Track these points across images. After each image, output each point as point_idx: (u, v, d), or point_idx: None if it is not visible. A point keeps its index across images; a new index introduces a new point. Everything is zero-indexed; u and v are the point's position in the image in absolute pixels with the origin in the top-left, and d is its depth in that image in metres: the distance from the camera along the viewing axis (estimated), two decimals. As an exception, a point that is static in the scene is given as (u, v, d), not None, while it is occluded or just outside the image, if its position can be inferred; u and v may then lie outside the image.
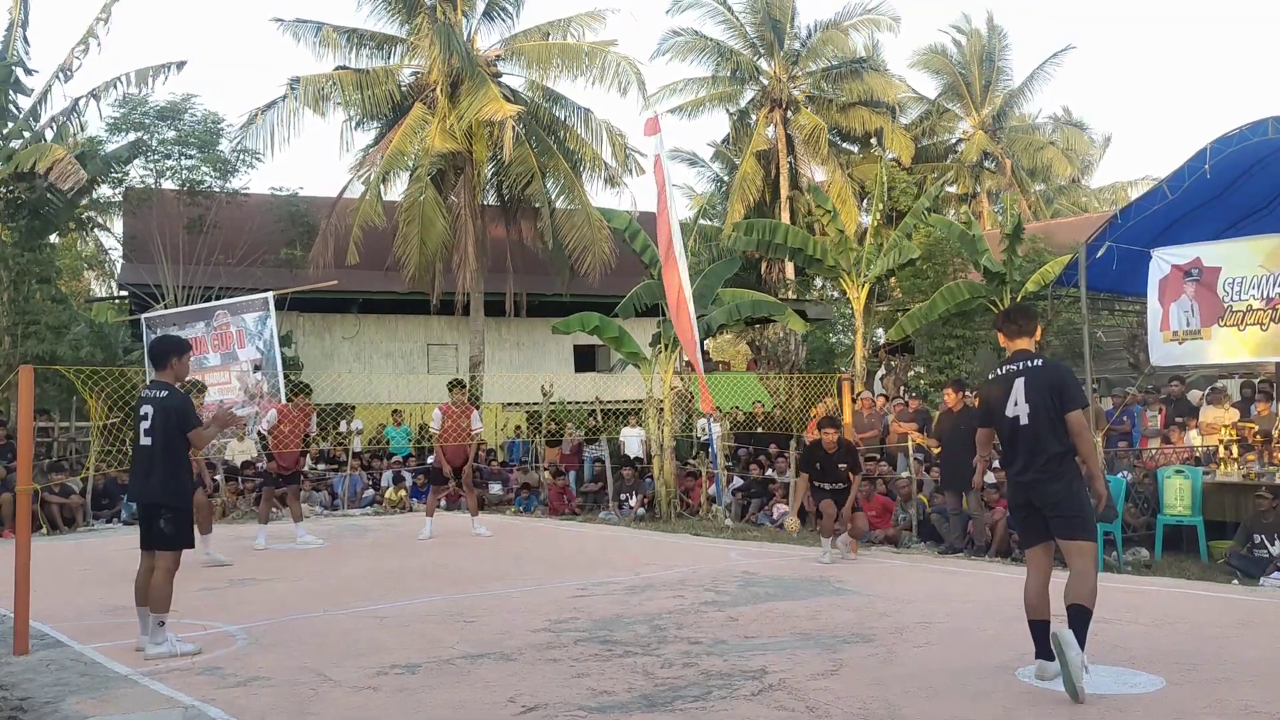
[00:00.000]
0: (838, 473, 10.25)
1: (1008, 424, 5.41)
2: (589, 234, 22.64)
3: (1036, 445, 5.26)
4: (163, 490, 6.30)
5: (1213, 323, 11.08)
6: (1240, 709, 4.73)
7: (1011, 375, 5.41)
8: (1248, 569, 8.84)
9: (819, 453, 10.35)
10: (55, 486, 14.16)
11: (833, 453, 10.27)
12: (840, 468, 10.23)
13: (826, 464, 10.26)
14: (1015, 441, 5.38)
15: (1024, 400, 5.32)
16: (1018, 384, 5.37)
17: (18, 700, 5.28)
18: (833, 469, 10.24)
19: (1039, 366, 5.39)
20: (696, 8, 32.47)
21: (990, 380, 5.64)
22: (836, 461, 10.24)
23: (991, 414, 5.54)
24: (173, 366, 6.48)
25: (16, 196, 18.79)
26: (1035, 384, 5.32)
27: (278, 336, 13.70)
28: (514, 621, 7.08)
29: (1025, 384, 5.35)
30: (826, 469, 10.27)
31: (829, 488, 10.23)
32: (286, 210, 25.02)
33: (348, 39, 22.76)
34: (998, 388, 5.49)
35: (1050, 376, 5.34)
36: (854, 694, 5.07)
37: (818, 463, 10.33)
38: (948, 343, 20.55)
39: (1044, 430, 5.26)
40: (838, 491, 10.24)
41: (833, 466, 10.23)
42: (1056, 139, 37.54)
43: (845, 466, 10.26)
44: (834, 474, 10.25)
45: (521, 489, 16.86)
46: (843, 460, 10.28)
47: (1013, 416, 5.36)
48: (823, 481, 10.26)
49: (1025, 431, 5.32)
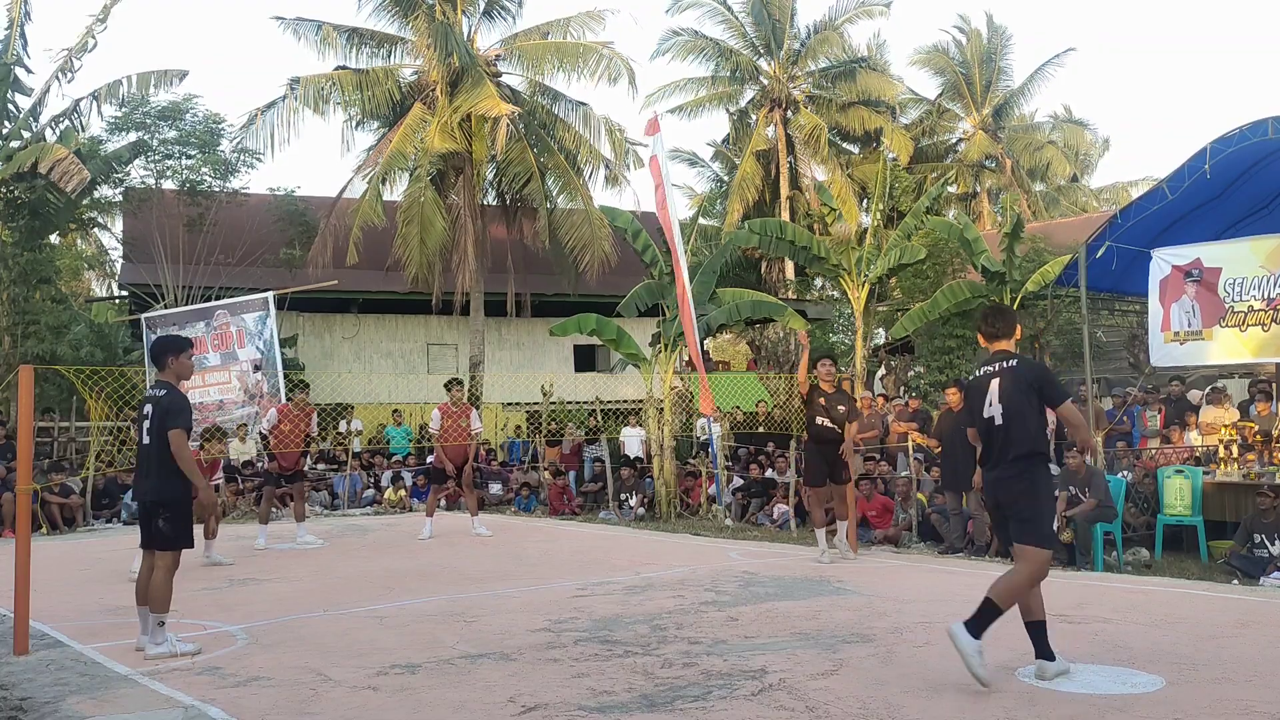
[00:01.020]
0: (836, 414, 10.24)
1: (984, 424, 5.44)
2: (589, 233, 22.65)
3: (1006, 444, 5.29)
4: (161, 489, 6.29)
5: (1214, 323, 11.09)
6: (1240, 709, 4.72)
7: (989, 376, 5.44)
8: (1248, 569, 8.84)
9: (819, 391, 10.38)
10: (55, 486, 14.15)
11: (831, 392, 10.31)
12: (840, 409, 10.22)
13: (827, 400, 10.29)
14: (990, 441, 5.41)
15: (997, 400, 5.35)
16: (993, 385, 5.39)
17: (18, 700, 5.28)
18: (832, 409, 10.24)
19: (1014, 366, 5.40)
20: (696, 8, 32.51)
21: (971, 381, 5.68)
22: (836, 403, 10.26)
23: (973, 414, 5.58)
24: (172, 365, 6.47)
25: (16, 196, 18.80)
26: (1010, 383, 5.34)
27: (280, 339, 13.69)
28: (514, 621, 7.07)
29: (999, 384, 5.37)
30: (826, 407, 10.27)
31: (825, 425, 10.17)
32: (286, 210, 25.04)
33: (348, 38, 22.78)
34: (976, 389, 5.52)
35: (1026, 375, 5.36)
36: (854, 694, 5.07)
37: (820, 398, 10.31)
38: (948, 343, 20.54)
39: (1015, 430, 5.27)
40: (831, 442, 10.17)
41: (832, 406, 10.24)
42: (1057, 138, 37.54)
43: (844, 409, 10.25)
44: (832, 414, 10.25)
45: (521, 488, 16.87)
46: (841, 403, 10.30)
47: (988, 417, 5.39)
48: (823, 416, 10.21)
49: (998, 431, 5.34)
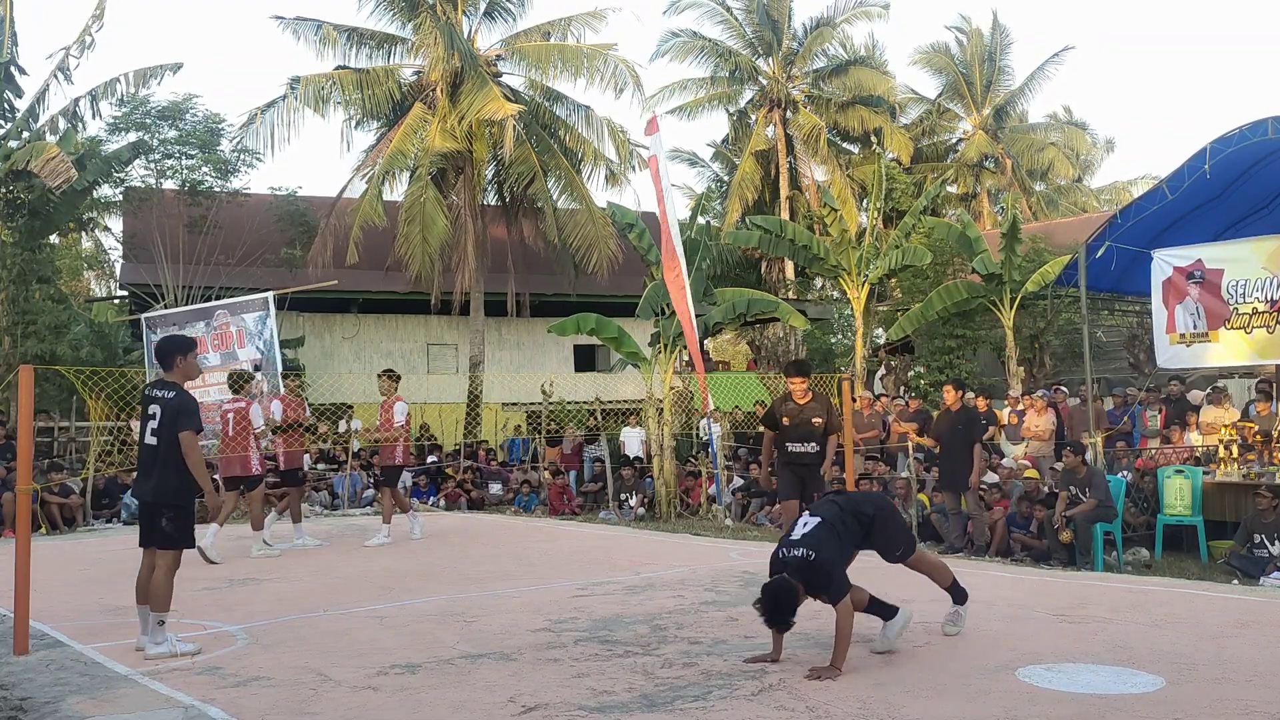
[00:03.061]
0: (810, 430, 8.26)
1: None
2: (592, 232, 22.66)
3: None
4: (165, 490, 6.29)
5: (1219, 325, 11.11)
6: (1240, 709, 4.72)
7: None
8: (1248, 569, 8.85)
9: (786, 405, 8.40)
10: (55, 486, 14.15)
11: (804, 403, 8.33)
12: (815, 423, 8.27)
13: (796, 419, 8.32)
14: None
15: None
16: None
17: (18, 700, 5.28)
18: (804, 425, 8.27)
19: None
20: (695, 8, 32.55)
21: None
22: (810, 416, 8.28)
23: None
24: (179, 366, 6.46)
25: (16, 196, 18.79)
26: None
27: (286, 340, 13.67)
28: (514, 621, 7.07)
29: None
30: (796, 425, 8.30)
31: (799, 450, 8.29)
32: (286, 210, 25.05)
33: (348, 38, 22.79)
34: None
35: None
36: (854, 694, 5.07)
37: (784, 417, 8.33)
38: (948, 343, 20.55)
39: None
40: (807, 465, 8.29)
41: (805, 422, 8.27)
42: (1057, 139, 37.55)
43: (820, 422, 8.29)
44: (804, 431, 8.27)
45: (522, 485, 16.87)
46: (816, 415, 8.31)
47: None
48: (792, 441, 8.26)
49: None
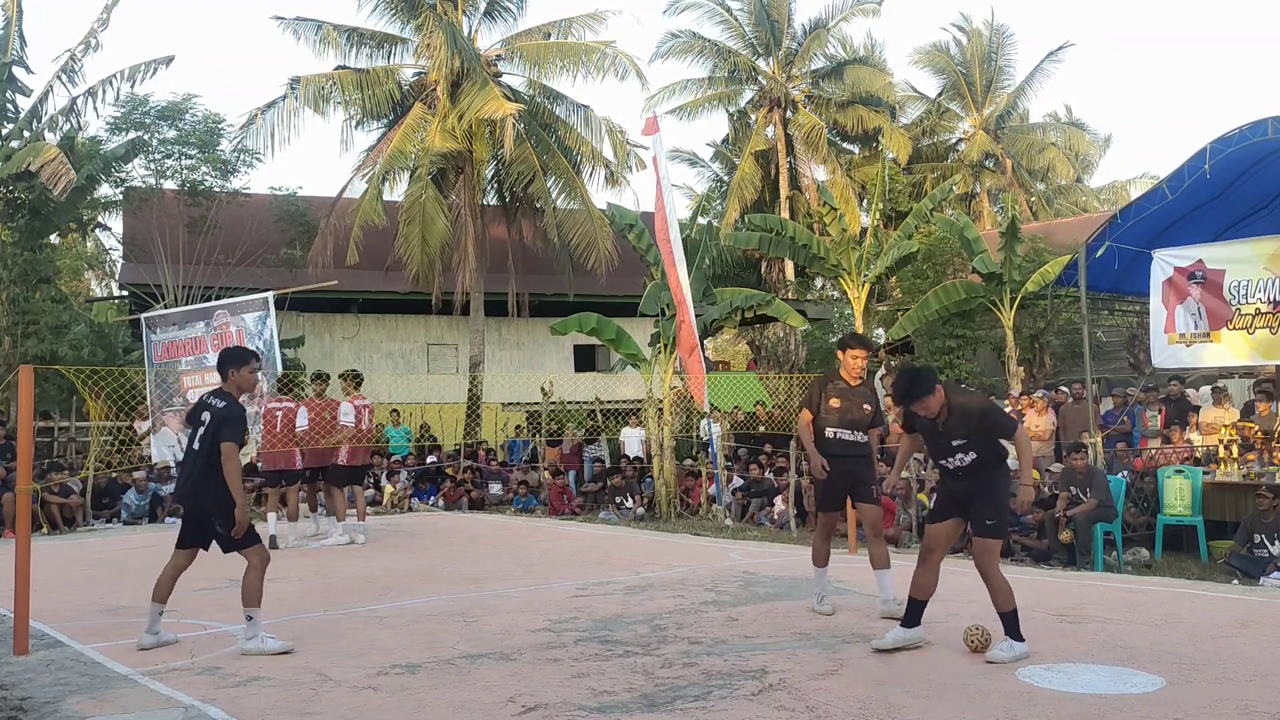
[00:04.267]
0: (861, 416, 7.02)
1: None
2: (591, 232, 22.65)
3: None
4: (200, 495, 6.35)
5: (1221, 326, 11.12)
6: (1240, 709, 4.72)
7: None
8: (1248, 569, 8.85)
9: (836, 384, 7.09)
10: (55, 486, 14.15)
11: (856, 387, 7.10)
12: (865, 409, 7.04)
13: (847, 401, 7.03)
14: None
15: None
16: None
17: (18, 700, 5.28)
18: (856, 409, 7.02)
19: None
20: (695, 9, 32.55)
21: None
22: (861, 401, 7.05)
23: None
24: (233, 378, 6.54)
25: (16, 196, 18.79)
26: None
27: (287, 339, 13.64)
28: (514, 621, 7.07)
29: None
30: (846, 409, 7.01)
31: (849, 439, 7.03)
32: (286, 210, 25.04)
33: (348, 38, 22.79)
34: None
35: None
36: (854, 694, 5.07)
37: (833, 397, 7.03)
38: (948, 342, 20.55)
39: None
40: (857, 457, 7.06)
41: (856, 406, 7.02)
42: (1057, 139, 37.57)
43: (869, 410, 7.06)
44: (855, 417, 7.01)
45: (520, 485, 16.87)
46: (867, 401, 7.08)
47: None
48: (839, 427, 6.99)
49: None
